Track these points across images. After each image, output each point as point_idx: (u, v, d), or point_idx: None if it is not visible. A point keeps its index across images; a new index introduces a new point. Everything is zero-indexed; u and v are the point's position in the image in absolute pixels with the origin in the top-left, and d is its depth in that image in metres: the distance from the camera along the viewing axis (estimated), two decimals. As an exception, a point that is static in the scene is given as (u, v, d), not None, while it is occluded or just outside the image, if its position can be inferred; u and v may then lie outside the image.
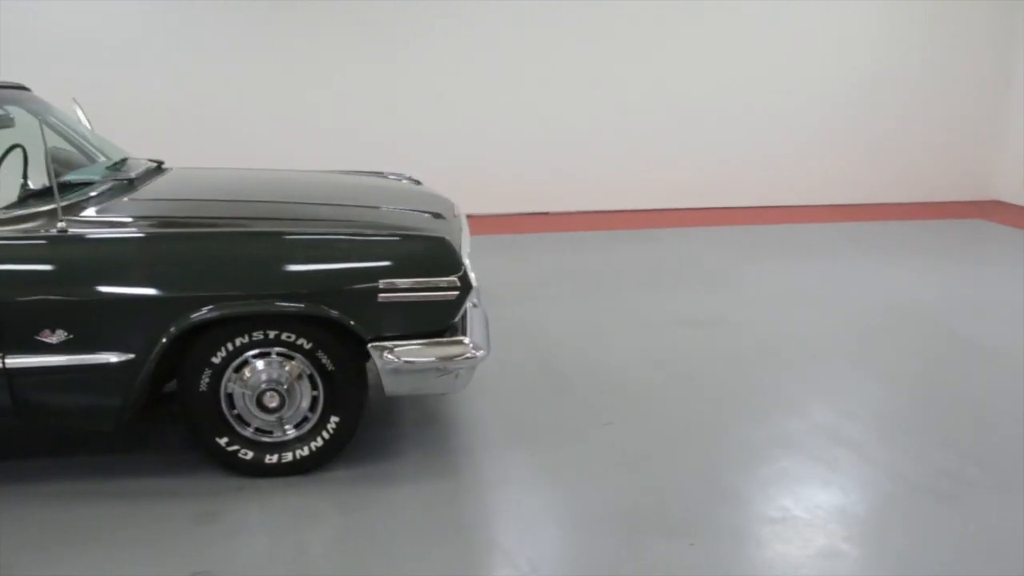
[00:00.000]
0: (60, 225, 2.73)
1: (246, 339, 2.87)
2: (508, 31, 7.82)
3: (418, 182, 4.27)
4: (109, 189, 3.25)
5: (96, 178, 3.33)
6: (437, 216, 3.27)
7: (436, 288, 2.86)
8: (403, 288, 2.84)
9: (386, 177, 4.22)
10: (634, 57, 8.08)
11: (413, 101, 7.83)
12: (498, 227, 7.62)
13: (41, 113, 3.87)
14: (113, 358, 2.73)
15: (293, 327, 2.87)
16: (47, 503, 2.86)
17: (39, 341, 2.69)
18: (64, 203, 2.92)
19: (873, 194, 8.91)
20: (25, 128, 3.77)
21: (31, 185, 3.20)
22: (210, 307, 2.75)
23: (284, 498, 2.91)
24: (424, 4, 7.62)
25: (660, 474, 3.08)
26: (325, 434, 3.01)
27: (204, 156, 6.59)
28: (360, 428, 3.34)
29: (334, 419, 3.00)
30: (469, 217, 3.88)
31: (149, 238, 2.80)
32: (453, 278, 2.87)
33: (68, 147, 3.84)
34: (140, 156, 4.06)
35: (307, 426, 3.01)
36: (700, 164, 8.46)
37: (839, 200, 8.85)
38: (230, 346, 2.87)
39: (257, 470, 2.99)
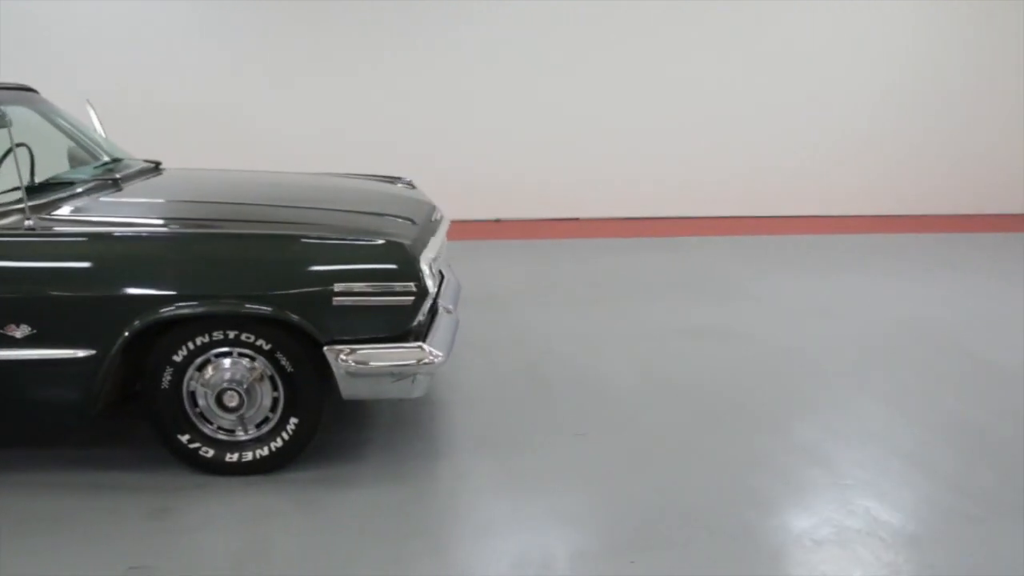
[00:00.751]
0: (28, 223, 2.82)
1: (206, 338, 2.91)
2: (537, 35, 7.80)
3: (412, 186, 4.28)
4: (92, 189, 3.34)
5: (82, 178, 3.43)
6: (406, 221, 3.26)
7: (391, 293, 2.86)
8: (358, 292, 2.85)
9: (379, 181, 4.23)
10: (667, 62, 7.98)
11: (441, 105, 7.88)
12: (527, 232, 7.61)
13: (47, 114, 4.02)
14: (75, 354, 2.80)
15: (252, 328, 2.90)
16: (8, 492, 2.94)
17: (4, 335, 2.77)
18: (40, 202, 3.03)
19: (909, 205, 8.61)
20: (32, 128, 3.92)
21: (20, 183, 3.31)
22: (166, 307, 2.79)
23: (242, 496, 2.94)
24: (450, 5, 7.66)
25: (618, 489, 3.01)
26: (285, 435, 3.03)
27: (227, 156, 6.77)
28: (330, 430, 3.39)
29: (293, 420, 3.02)
30: (500, 222, 3.87)
31: (111, 238, 2.86)
32: (409, 284, 2.87)
33: (76, 147, 3.99)
34: (140, 157, 4.17)
35: (267, 426, 3.04)
36: (731, 172, 8.30)
37: (872, 211, 8.58)
38: (191, 345, 2.91)
39: (218, 468, 3.03)
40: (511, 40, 7.79)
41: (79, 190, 3.28)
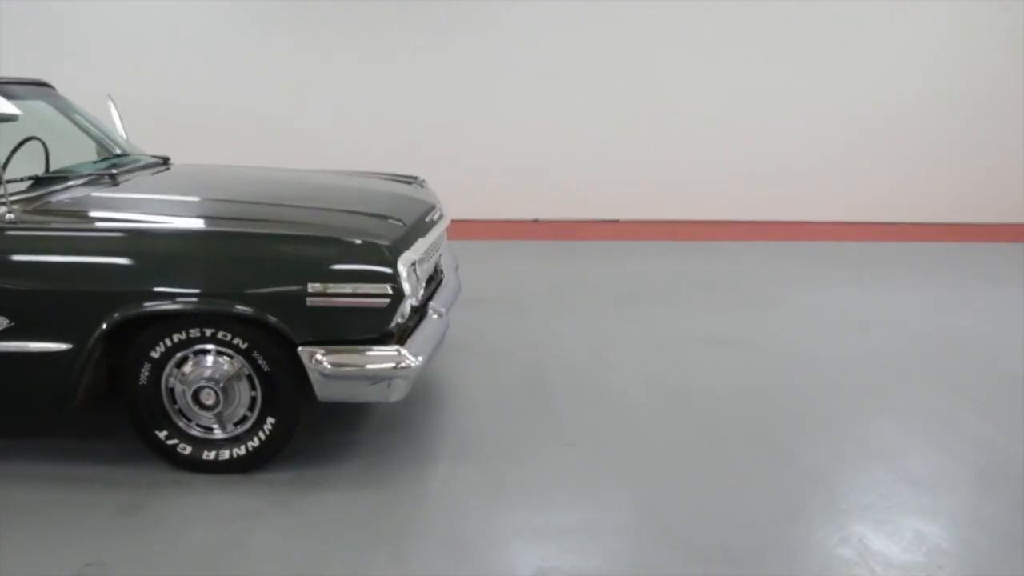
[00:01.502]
0: (9, 216, 2.84)
1: (184, 335, 2.89)
2: (580, 34, 7.65)
3: (422, 185, 4.21)
4: (86, 183, 3.36)
5: (80, 172, 3.46)
6: (393, 221, 3.18)
7: (366, 295, 2.79)
8: (332, 293, 2.79)
9: (387, 179, 4.17)
10: (706, 65, 7.75)
11: (479, 104, 7.79)
12: (564, 233, 7.49)
13: (63, 108, 4.08)
14: (51, 348, 2.81)
15: (229, 326, 2.87)
16: None
17: (-15, 327, 2.80)
18: (30, 195, 3.06)
19: (945, 212, 8.14)
20: (47, 122, 3.99)
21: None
22: (139, 303, 2.78)
23: (216, 495, 2.91)
24: (489, 4, 7.59)
25: (598, 505, 2.88)
26: (262, 435, 2.99)
27: (260, 154, 6.81)
28: (318, 430, 3.35)
29: (271, 420, 2.97)
30: (538, 222, 3.75)
31: (86, 233, 2.87)
32: (384, 285, 2.79)
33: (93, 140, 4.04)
34: (165, 154, 4.20)
35: (245, 426, 3.00)
36: (772, 176, 8.00)
37: (910, 218, 8.17)
38: (168, 341, 2.89)
39: (195, 465, 3.01)
40: (552, 40, 7.66)
41: (71, 184, 3.30)
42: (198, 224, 2.99)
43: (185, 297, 2.79)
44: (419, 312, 3.21)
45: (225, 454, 3.00)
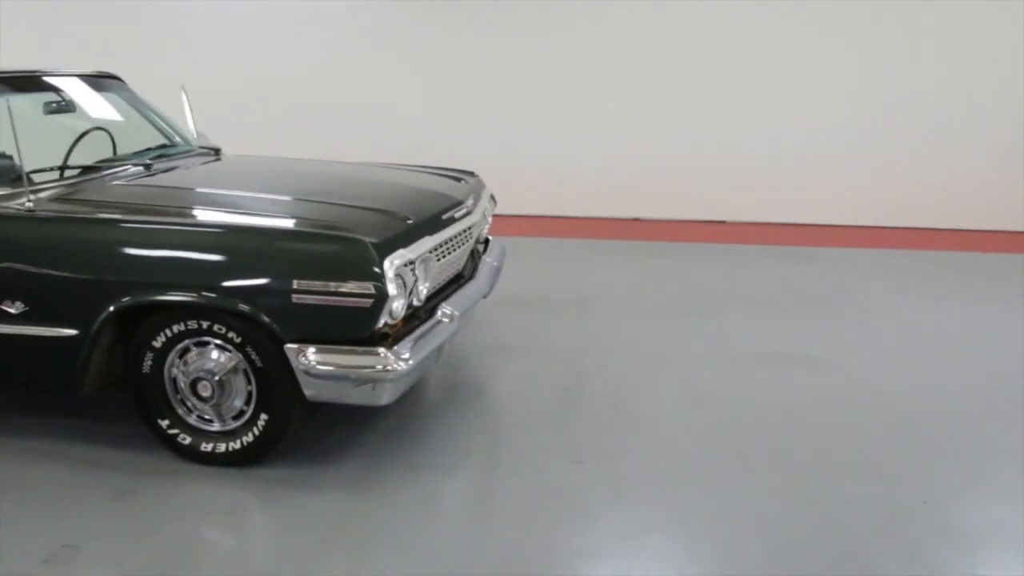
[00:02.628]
0: (28, 204, 2.96)
1: (183, 327, 2.91)
2: (693, 35, 7.32)
3: (468, 181, 4.09)
4: (119, 174, 3.46)
5: (118, 161, 3.57)
6: (397, 218, 3.07)
7: (348, 294, 2.71)
8: (316, 291, 2.72)
9: (431, 174, 4.07)
10: (827, 63, 7.22)
11: (581, 102, 7.61)
12: (664, 233, 7.19)
13: (131, 100, 4.25)
14: (60, 333, 2.90)
15: (224, 320, 2.87)
16: None
17: (2, 310, 2.93)
18: (59, 184, 3.18)
19: None
20: (116, 113, 4.17)
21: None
22: (136, 293, 2.82)
23: (208, 487, 2.91)
24: (589, 4, 7.37)
25: (575, 531, 2.67)
26: (255, 430, 2.97)
27: (357, 149, 6.91)
28: (322, 428, 3.30)
29: (264, 416, 2.95)
30: (638, 221, 3.57)
31: (92, 222, 2.94)
32: (367, 285, 2.70)
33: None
34: (215, 144, 4.32)
35: (241, 420, 3.00)
36: (894, 178, 7.36)
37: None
38: (169, 332, 2.92)
39: (194, 456, 3.03)
40: (655, 37, 7.37)
41: (105, 173, 3.41)
42: (195, 216, 3.00)
43: (177, 289, 2.81)
44: (425, 314, 3.11)
45: (222, 447, 3.01)
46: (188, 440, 3.03)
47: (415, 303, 3.01)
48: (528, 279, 5.64)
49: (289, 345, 2.78)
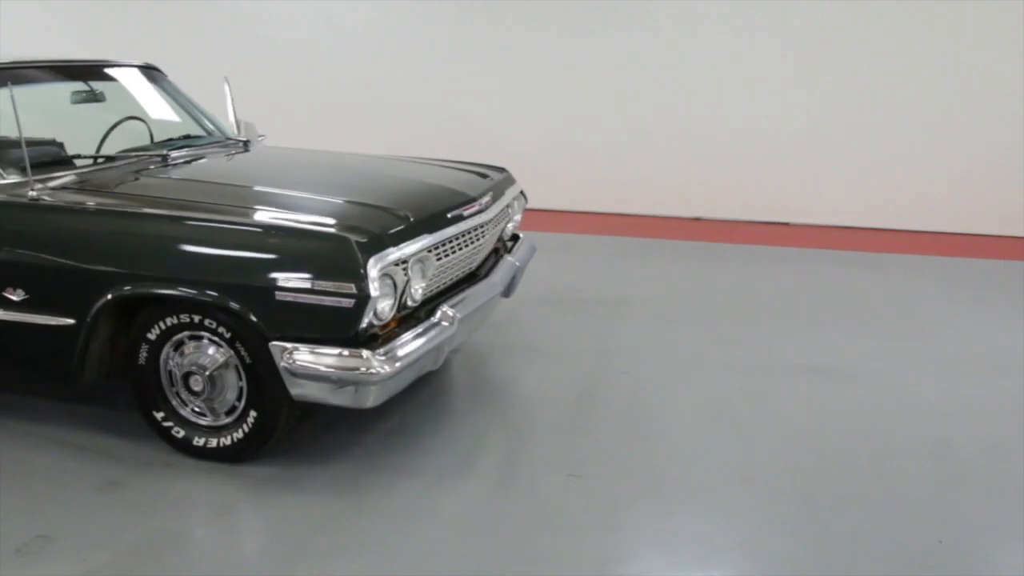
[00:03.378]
0: (32, 194, 2.98)
1: (175, 320, 2.89)
2: (751, 36, 7.00)
3: (486, 176, 3.96)
4: (134, 164, 3.46)
5: (139, 152, 3.58)
6: (398, 213, 2.98)
7: (329, 293, 2.63)
8: (298, 288, 2.65)
9: (459, 169, 3.96)
10: (882, 59, 6.79)
11: (644, 101, 7.38)
12: (724, 234, 6.92)
13: (169, 91, 4.28)
14: (58, 322, 2.91)
15: (214, 314, 2.83)
16: None
17: (5, 297, 2.96)
18: (70, 174, 3.20)
19: None
20: (153, 104, 4.21)
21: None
22: (126, 285, 2.81)
23: (197, 482, 2.88)
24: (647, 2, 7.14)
25: (554, 553, 2.52)
26: (245, 427, 2.93)
27: (406, 143, 6.87)
28: (328, 427, 3.24)
29: (253, 413, 2.91)
30: (699, 221, 3.42)
31: (89, 213, 2.93)
32: (349, 285, 2.61)
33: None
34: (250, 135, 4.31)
35: (232, 416, 2.96)
36: (976, 181, 6.86)
37: None
38: (162, 325, 2.90)
39: (187, 449, 3.01)
40: (726, 35, 7.07)
41: (119, 164, 3.42)
42: (186, 209, 2.94)
43: (165, 282, 2.78)
44: (428, 312, 3.01)
45: (213, 442, 2.98)
46: (182, 433, 3.01)
47: (409, 303, 2.91)
48: (572, 278, 5.50)
49: (273, 343, 2.72)
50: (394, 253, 2.75)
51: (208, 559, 2.50)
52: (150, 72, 4.27)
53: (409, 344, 2.83)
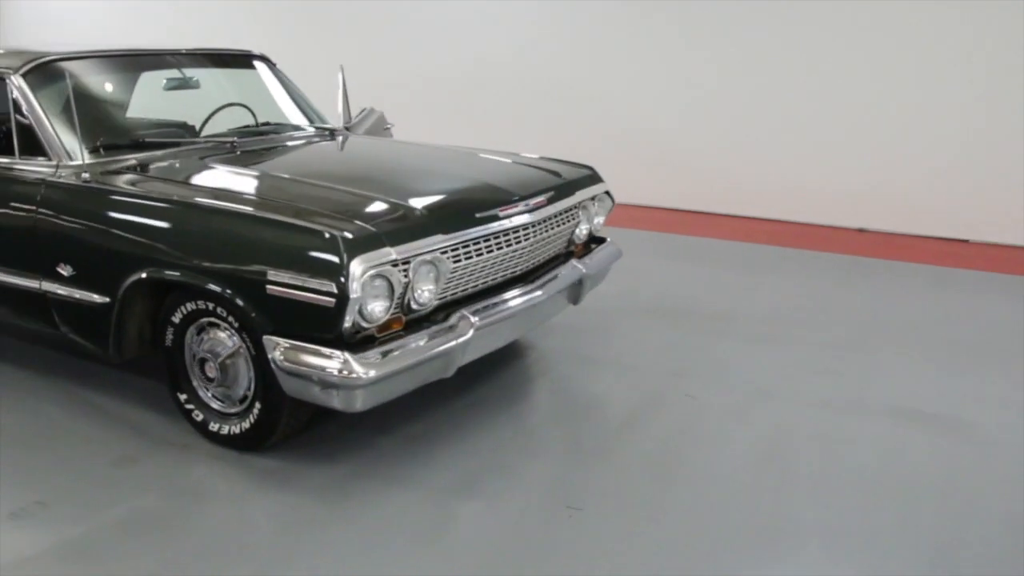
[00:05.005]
0: (84, 176, 3.13)
1: (194, 306, 2.91)
2: (921, 34, 6.16)
3: (570, 174, 3.72)
4: (201, 149, 3.54)
5: (212, 138, 3.66)
6: (409, 208, 2.83)
7: (312, 290, 2.53)
8: (286, 283, 2.58)
9: (526, 165, 3.74)
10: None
11: (813, 105, 6.72)
12: (888, 249, 6.22)
13: (275, 79, 4.39)
14: (96, 298, 3.04)
15: (224, 303, 2.82)
16: (12, 388, 3.42)
17: (58, 272, 3.13)
18: (129, 157, 3.32)
19: None
20: (257, 91, 4.35)
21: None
22: (145, 268, 2.87)
23: (205, 467, 2.91)
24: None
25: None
26: (251, 418, 2.92)
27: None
28: (342, 425, 3.17)
29: (258, 405, 2.89)
30: (863, 232, 3.12)
31: (121, 196, 3.02)
32: (330, 283, 2.49)
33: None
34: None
35: (242, 406, 2.95)
36: None
37: None
38: (184, 309, 2.94)
39: (204, 433, 3.04)
40: (904, 39, 6.27)
41: (184, 149, 3.50)
42: (205, 197, 2.95)
43: (173, 267, 2.82)
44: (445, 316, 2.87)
45: (225, 429, 2.99)
46: (200, 416, 3.05)
47: (414, 307, 2.76)
48: (686, 286, 5.10)
49: (267, 336, 2.68)
50: (390, 253, 2.60)
51: (171, 545, 2.48)
52: (256, 60, 4.39)
53: (404, 350, 2.69)
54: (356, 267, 2.50)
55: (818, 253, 5.98)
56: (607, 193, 3.91)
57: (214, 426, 3.02)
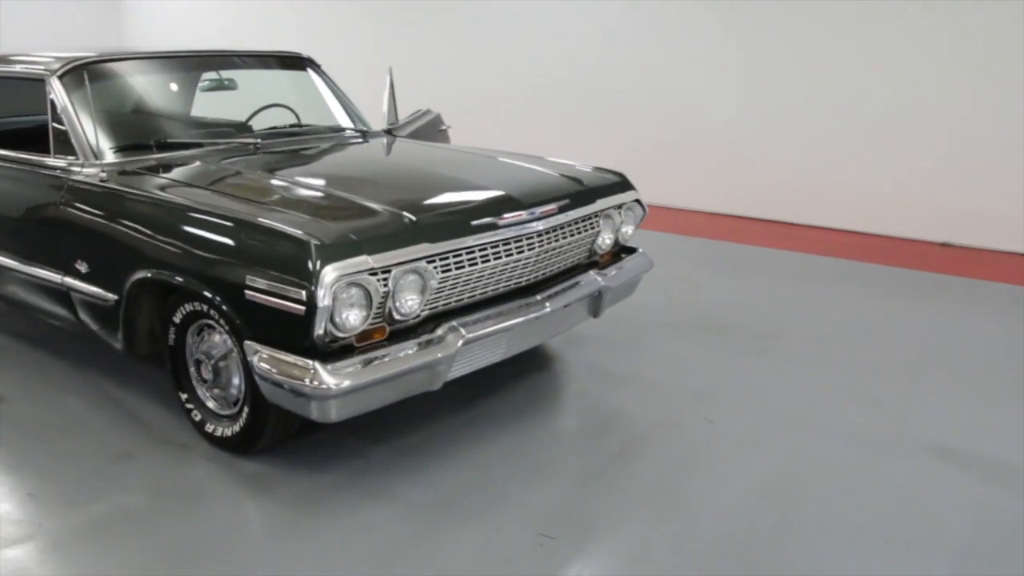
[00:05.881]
0: (102, 175, 3.20)
1: (191, 307, 2.93)
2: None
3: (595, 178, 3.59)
4: (224, 150, 3.56)
5: (237, 139, 3.68)
6: (397, 214, 2.75)
7: (285, 297, 2.49)
8: (261, 289, 2.55)
9: (546, 170, 3.61)
10: None
11: (885, 104, 6.31)
12: (971, 265, 5.74)
13: (319, 82, 4.41)
14: (107, 295, 3.11)
15: (214, 306, 2.82)
16: (27, 375, 3.55)
17: (76, 268, 3.22)
18: (152, 158, 3.39)
19: None
20: (301, 92, 4.40)
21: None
22: (141, 268, 2.91)
23: (200, 468, 2.93)
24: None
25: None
26: (240, 423, 2.92)
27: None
28: (341, 432, 3.13)
29: (246, 410, 2.88)
30: (947, 247, 2.97)
31: (125, 197, 3.06)
32: (300, 291, 2.45)
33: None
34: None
35: (234, 409, 2.95)
36: None
37: None
38: (183, 310, 2.97)
39: (201, 433, 3.07)
40: (992, 42, 5.76)
41: (208, 151, 3.53)
42: (200, 200, 2.94)
43: (171, 269, 2.84)
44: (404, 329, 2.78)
45: (218, 431, 3.01)
46: (199, 417, 3.07)
47: (396, 317, 2.68)
48: (739, 301, 4.85)
49: (247, 342, 2.66)
50: (367, 261, 2.53)
51: (128, 549, 2.49)
52: (301, 61, 4.42)
53: (382, 361, 2.62)
54: (328, 274, 2.44)
55: (895, 269, 5.57)
56: (638, 202, 3.73)
57: (210, 427, 3.04)
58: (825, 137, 6.60)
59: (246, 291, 2.59)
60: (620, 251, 3.81)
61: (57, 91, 3.41)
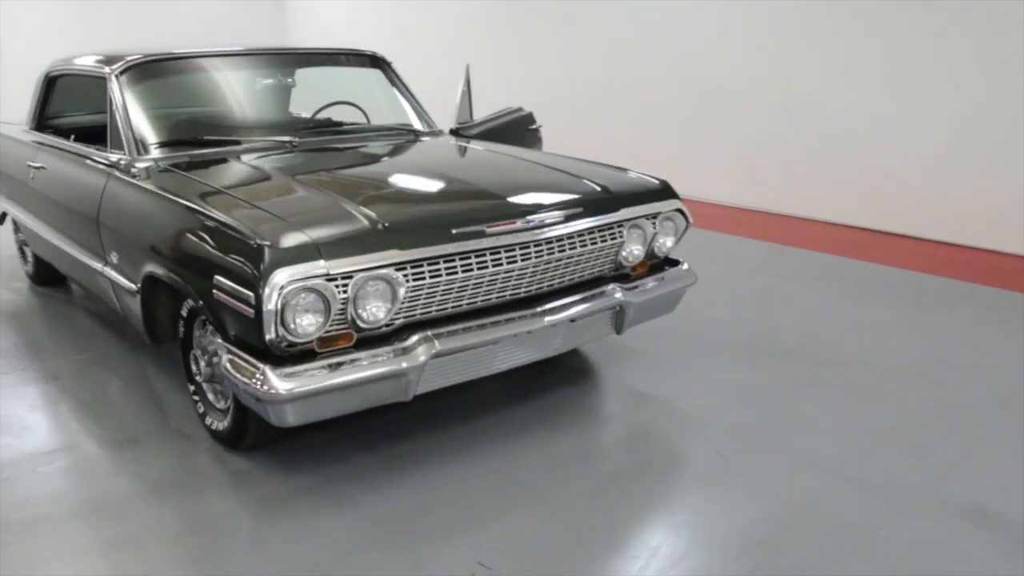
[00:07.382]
0: (134, 170, 3.35)
1: (192, 303, 3.01)
2: None
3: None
4: (261, 148, 3.63)
5: (277, 138, 3.73)
6: (364, 224, 2.68)
7: (239, 298, 2.50)
8: (224, 290, 2.57)
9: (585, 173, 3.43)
10: None
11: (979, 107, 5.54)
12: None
13: (388, 81, 4.46)
14: (130, 286, 3.27)
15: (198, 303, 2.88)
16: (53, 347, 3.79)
17: (110, 258, 3.41)
18: (185, 154, 3.50)
19: None
20: (370, 90, 4.46)
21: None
22: (145, 262, 3.03)
23: (195, 460, 3.01)
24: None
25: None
26: (229, 419, 2.97)
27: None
28: (340, 436, 3.13)
29: (232, 406, 2.92)
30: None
31: (144, 193, 3.17)
32: (249, 293, 2.45)
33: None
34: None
35: (228, 403, 3.01)
36: None
37: None
38: (187, 304, 3.06)
39: (203, 424, 3.16)
40: None
41: (243, 147, 3.60)
42: (201, 197, 2.97)
43: (164, 266, 2.93)
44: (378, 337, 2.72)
45: (215, 424, 3.08)
46: (202, 408, 3.16)
47: (361, 324, 2.62)
48: (816, 320, 4.45)
49: (219, 340, 2.71)
50: (322, 266, 2.49)
51: (101, 534, 2.59)
52: (373, 60, 4.46)
53: (339, 369, 2.57)
54: (277, 278, 2.43)
55: (1017, 294, 4.90)
56: (680, 211, 3.48)
57: (209, 419, 3.13)
58: (964, 145, 5.91)
59: (214, 291, 2.63)
60: (662, 263, 3.57)
61: (112, 88, 3.61)
